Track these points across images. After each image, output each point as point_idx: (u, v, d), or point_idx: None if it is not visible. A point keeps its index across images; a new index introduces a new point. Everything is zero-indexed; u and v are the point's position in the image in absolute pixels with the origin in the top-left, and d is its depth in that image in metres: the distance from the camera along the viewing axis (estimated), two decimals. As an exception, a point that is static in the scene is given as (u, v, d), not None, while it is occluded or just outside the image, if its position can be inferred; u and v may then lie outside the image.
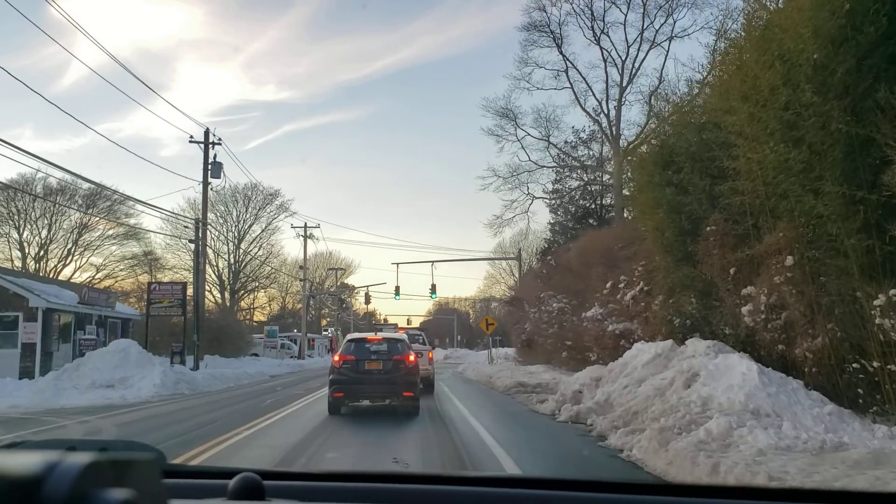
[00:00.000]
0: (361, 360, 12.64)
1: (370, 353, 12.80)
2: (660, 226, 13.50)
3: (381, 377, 12.43)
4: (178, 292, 28.91)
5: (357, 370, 12.47)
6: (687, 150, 12.52)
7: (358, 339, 13.79)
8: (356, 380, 12.42)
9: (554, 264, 22.10)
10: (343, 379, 12.44)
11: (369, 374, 12.48)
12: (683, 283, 13.10)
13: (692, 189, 12.46)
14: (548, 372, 23.57)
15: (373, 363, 12.65)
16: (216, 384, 23.15)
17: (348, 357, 12.74)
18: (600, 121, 34.40)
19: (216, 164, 31.42)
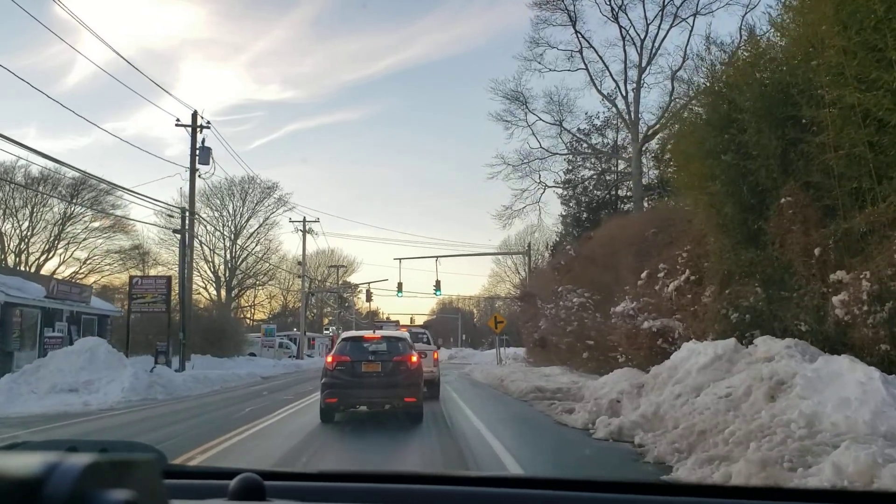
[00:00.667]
0: (358, 361, 11.17)
1: (368, 354, 11.35)
2: (714, 202, 11.20)
3: (379, 380, 11.00)
4: (163, 287, 26.67)
5: (353, 372, 11.03)
6: (753, 106, 10.19)
7: (354, 337, 12.27)
8: (352, 383, 10.97)
9: (574, 254, 19.79)
10: (337, 382, 10.96)
11: (366, 377, 11.04)
12: (744, 270, 10.80)
13: (758, 153, 10.15)
14: (565, 375, 21.27)
15: (370, 365, 11.16)
16: (198, 388, 20.91)
17: (343, 358, 11.26)
18: (617, 104, 32.07)
19: (205, 150, 29.18)
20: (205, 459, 8.02)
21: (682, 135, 12.02)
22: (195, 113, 29.20)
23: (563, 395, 16.05)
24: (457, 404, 15.27)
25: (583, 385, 16.70)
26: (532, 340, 27.65)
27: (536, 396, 16.11)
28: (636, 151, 31.09)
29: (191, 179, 28.91)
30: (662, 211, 15.95)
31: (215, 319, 43.59)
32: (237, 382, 25.13)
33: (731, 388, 8.99)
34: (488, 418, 12.22)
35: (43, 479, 0.56)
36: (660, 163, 33.77)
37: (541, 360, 28.40)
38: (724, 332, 11.13)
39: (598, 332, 19.02)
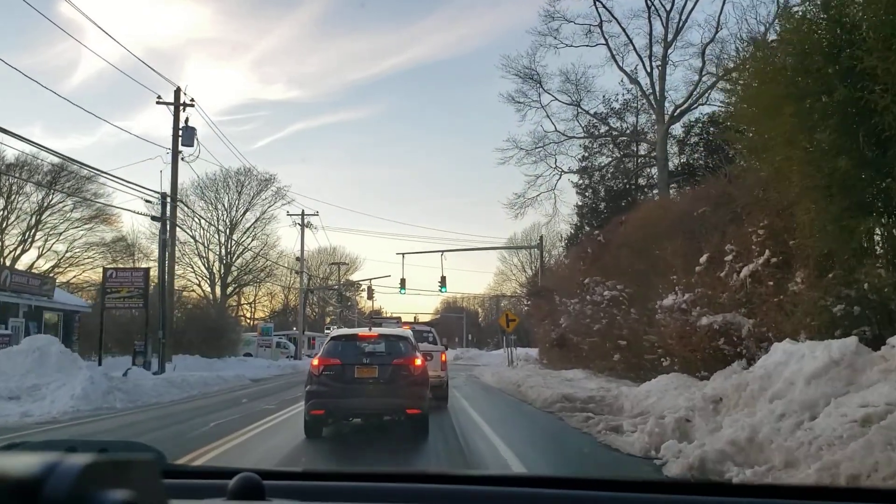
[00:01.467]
0: (350, 364, 9.40)
1: (362, 356, 9.60)
2: (813, 158, 8.47)
3: (376, 388, 9.25)
4: (140, 280, 24.09)
5: (343, 378, 9.27)
6: (880, 19, 7.49)
7: (346, 336, 10.34)
8: (342, 391, 9.17)
9: (603, 241, 17.11)
10: (324, 391, 9.21)
11: (360, 384, 9.25)
12: (858, 247, 8.10)
13: (889, 85, 7.45)
14: (590, 379, 18.61)
15: (365, 369, 9.39)
16: (171, 393, 18.29)
17: (332, 361, 9.47)
18: (640, 82, 29.33)
19: (188, 130, 26.55)
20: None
21: (764, 79, 9.30)
22: (178, 90, 26.59)
23: (598, 406, 13.38)
24: (469, 416, 12.61)
25: (619, 393, 14.06)
26: (548, 340, 24.96)
27: (564, 407, 13.43)
28: (661, 133, 28.39)
29: (173, 162, 26.26)
30: (717, 185, 13.22)
31: (207, 317, 41.02)
32: (220, 386, 22.51)
33: (868, 406, 6.32)
34: (512, 438, 9.55)
35: (42, 480, 0.56)
36: (685, 146, 31.10)
37: (557, 362, 25.70)
38: (824, 330, 8.47)
39: (633, 331, 16.35)
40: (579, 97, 30.23)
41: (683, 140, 31.14)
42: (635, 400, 12.86)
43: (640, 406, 12.36)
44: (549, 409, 13.50)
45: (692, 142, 31.29)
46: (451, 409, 14.05)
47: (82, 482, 0.57)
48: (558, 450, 9.19)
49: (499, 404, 15.32)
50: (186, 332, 36.73)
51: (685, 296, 12.21)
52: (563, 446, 9.46)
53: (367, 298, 57.86)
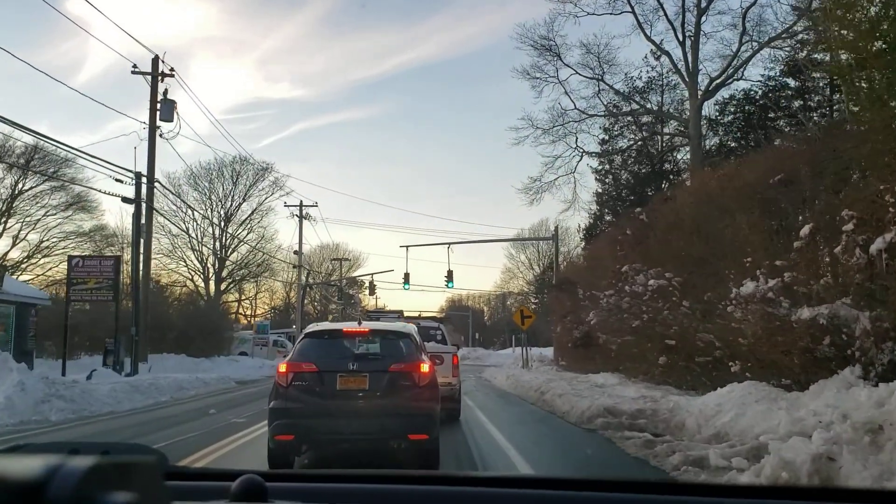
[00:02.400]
0: (331, 371, 6.91)
1: (348, 360, 7.06)
2: None
3: (367, 404, 6.82)
4: (109, 270, 21.32)
5: (321, 391, 6.83)
6: None
7: (325, 332, 7.80)
8: (320, 409, 6.75)
9: (646, 220, 14.25)
10: (294, 409, 6.78)
11: (345, 399, 6.81)
12: None
13: None
14: (625, 386, 15.77)
15: (352, 378, 6.88)
16: (134, 399, 15.54)
17: (305, 366, 6.93)
18: (671, 54, 26.43)
19: (167, 103, 23.80)
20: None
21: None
22: (156, 58, 23.84)
23: (650, 423, 10.58)
24: (489, 436, 9.79)
25: (674, 406, 11.23)
26: (570, 339, 22.11)
27: (609, 423, 10.60)
28: (694, 109, 25.51)
29: (150, 138, 23.53)
30: (808, 139, 10.34)
31: (196, 314, 38.31)
32: (198, 390, 19.74)
33: None
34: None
35: (45, 482, 0.56)
36: (718, 126, 28.22)
37: (579, 364, 22.86)
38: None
39: (682, 328, 13.52)
40: (602, 71, 27.35)
41: (716, 119, 28.27)
42: (701, 416, 10.02)
43: (712, 425, 9.53)
44: (589, 426, 10.67)
45: (726, 121, 28.42)
46: (464, 423, 11.26)
47: (85, 484, 0.57)
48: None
49: (523, 418, 12.47)
50: (172, 330, 34.07)
51: (771, 282, 9.36)
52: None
53: (369, 294, 54.81)
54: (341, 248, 71.29)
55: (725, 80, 25.42)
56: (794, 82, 26.44)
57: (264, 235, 51.43)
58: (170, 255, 48.65)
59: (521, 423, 11.66)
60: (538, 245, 71.28)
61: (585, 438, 9.77)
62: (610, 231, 18.71)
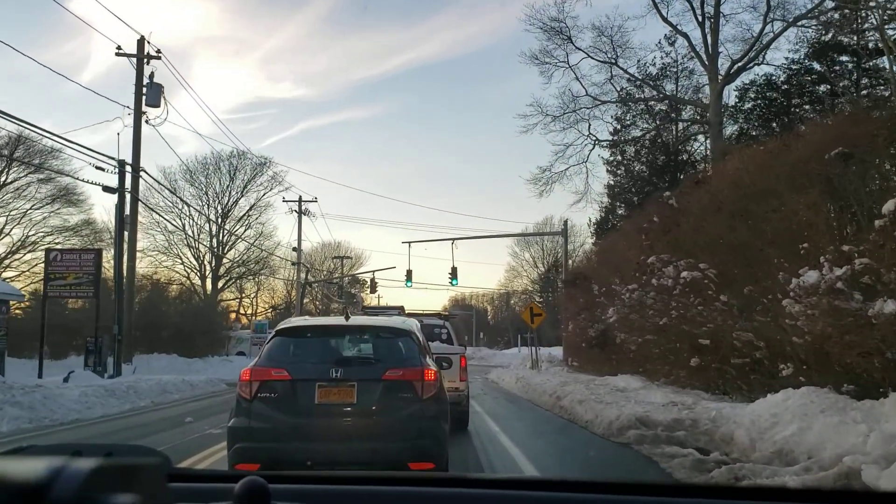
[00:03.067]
0: (307, 380, 5.48)
1: (330, 365, 5.56)
2: None
3: (354, 424, 5.44)
4: (90, 264, 19.86)
5: (296, 406, 5.44)
6: None
7: (303, 329, 6.25)
8: (292, 431, 5.35)
9: (676, 205, 12.73)
10: (260, 430, 5.39)
11: (326, 417, 5.42)
12: None
13: None
14: (649, 390, 14.29)
15: (334, 389, 5.44)
16: (108, 405, 14.09)
17: (275, 374, 5.48)
18: (689, 36, 24.90)
19: (154, 87, 22.34)
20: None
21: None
22: (141, 39, 22.38)
23: (691, 435, 9.12)
24: (508, 456, 8.25)
25: (717, 416, 9.75)
26: (584, 338, 20.60)
27: (643, 436, 9.10)
28: (714, 94, 23.96)
29: (135, 124, 22.09)
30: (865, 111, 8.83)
31: (190, 312, 36.90)
32: (183, 393, 18.28)
33: None
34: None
35: (48, 484, 0.56)
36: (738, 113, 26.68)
37: (593, 365, 21.36)
38: None
39: (718, 327, 12.01)
40: (615, 55, 25.80)
41: (736, 106, 26.74)
42: (754, 428, 8.51)
43: (770, 439, 8.04)
44: (619, 440, 9.17)
45: (746, 108, 26.89)
46: (474, 434, 9.78)
47: (89, 486, 0.57)
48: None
49: (541, 428, 10.96)
50: (165, 329, 32.66)
51: (838, 270, 7.85)
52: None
53: (371, 292, 53.32)
54: (343, 246, 69.96)
55: (748, 63, 23.89)
56: (820, 66, 24.92)
57: (263, 232, 49.98)
58: (166, 253, 47.28)
59: (539, 435, 10.15)
60: (543, 243, 69.88)
61: (619, 456, 8.26)
62: (633, 219, 17.17)
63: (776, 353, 10.74)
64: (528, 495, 1.49)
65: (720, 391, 13.37)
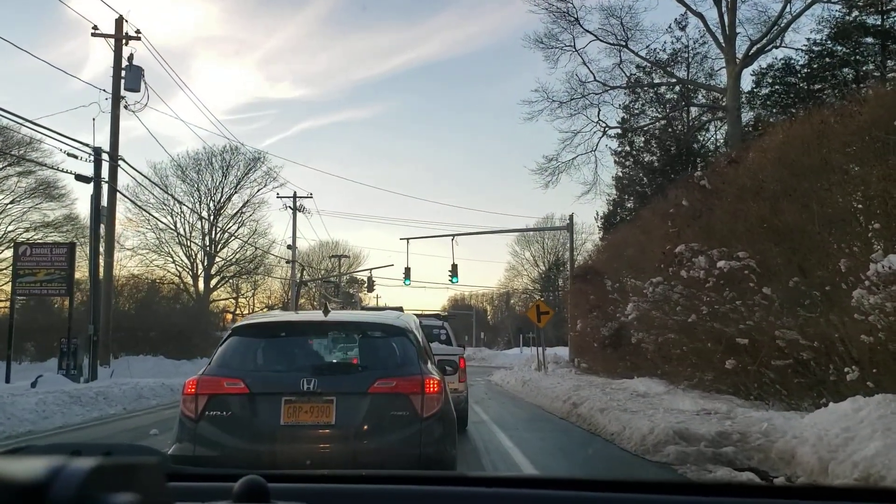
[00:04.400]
0: (270, 394, 4.24)
1: (301, 374, 4.26)
2: None
3: (331, 452, 4.15)
4: (62, 260, 18.36)
5: (255, 428, 4.18)
6: None
7: (266, 327, 5.01)
8: (248, 459, 3.99)
9: (709, 187, 11.24)
10: (205, 458, 4.02)
11: (294, 443, 4.15)
12: None
13: None
14: (674, 395, 12.86)
15: (306, 406, 4.18)
16: (70, 413, 12.62)
17: (228, 385, 4.24)
18: (704, 16, 23.41)
19: (134, 70, 20.85)
20: None
21: None
22: (120, 18, 20.89)
23: (742, 452, 7.72)
24: (523, 476, 6.79)
25: (769, 428, 8.29)
26: (596, 338, 19.12)
27: (685, 454, 7.64)
28: (732, 77, 22.50)
29: (113, 109, 20.58)
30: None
31: (179, 312, 35.46)
32: (162, 399, 16.77)
33: None
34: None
35: (48, 484, 0.55)
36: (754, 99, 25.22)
37: (604, 366, 19.90)
38: None
39: (758, 324, 10.55)
40: (626, 37, 24.31)
41: (753, 92, 25.28)
42: (822, 444, 7.03)
43: (847, 459, 6.56)
44: (657, 458, 7.69)
45: (763, 94, 25.43)
46: (483, 452, 8.31)
47: (88, 485, 0.56)
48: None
49: (560, 442, 9.44)
50: (152, 329, 31.20)
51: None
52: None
53: (368, 291, 51.86)
54: (341, 245, 68.52)
55: (767, 44, 22.42)
56: (844, 48, 23.46)
57: (256, 230, 48.46)
58: (157, 251, 45.80)
59: (560, 452, 8.65)
60: (544, 242, 68.50)
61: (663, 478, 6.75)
62: (654, 205, 15.68)
63: (828, 353, 9.29)
64: (527, 493, 1.49)
65: (754, 397, 11.94)
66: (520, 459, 7.73)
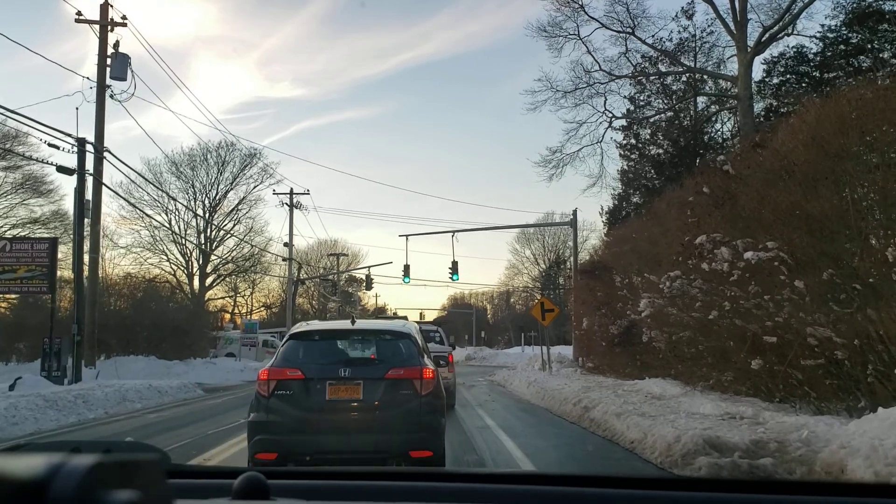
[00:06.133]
0: (319, 378, 6.01)
1: (338, 365, 6.12)
2: None
3: (361, 417, 5.97)
4: (43, 255, 17.48)
5: (308, 402, 5.95)
6: None
7: (313, 333, 6.63)
8: (307, 423, 5.89)
9: (732, 172, 10.36)
10: (277, 422, 5.89)
11: (336, 412, 5.97)
12: None
13: None
14: (691, 397, 11.96)
15: (343, 387, 5.99)
16: (44, 419, 11.79)
17: (290, 373, 6.02)
18: (714, 1, 22.53)
19: (120, 58, 19.98)
20: None
21: None
22: (105, 3, 19.99)
23: (781, 464, 6.86)
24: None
25: (808, 437, 7.48)
26: (605, 336, 18.25)
27: (718, 467, 6.78)
28: (744, 65, 21.63)
29: (98, 99, 19.70)
30: None
31: (172, 311, 34.54)
32: (148, 402, 15.92)
33: None
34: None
35: (47, 481, 0.55)
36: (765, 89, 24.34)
37: (611, 366, 19.03)
38: None
39: (787, 321, 9.70)
40: (632, 24, 23.44)
41: (763, 81, 24.40)
42: (877, 457, 6.19)
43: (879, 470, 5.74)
44: (690, 474, 6.82)
45: (774, 83, 24.56)
46: (487, 460, 7.45)
47: (88, 483, 0.56)
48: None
49: (573, 451, 8.55)
50: (144, 329, 30.30)
51: None
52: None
53: (366, 289, 51.03)
54: (340, 244, 67.67)
55: (781, 30, 21.55)
56: (860, 34, 22.59)
57: (253, 227, 47.52)
58: (151, 249, 44.91)
59: (574, 463, 7.75)
60: (544, 240, 67.71)
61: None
62: (670, 194, 14.79)
63: (864, 352, 8.45)
64: (524, 490, 1.50)
65: (779, 399, 11.09)
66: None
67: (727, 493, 1.49)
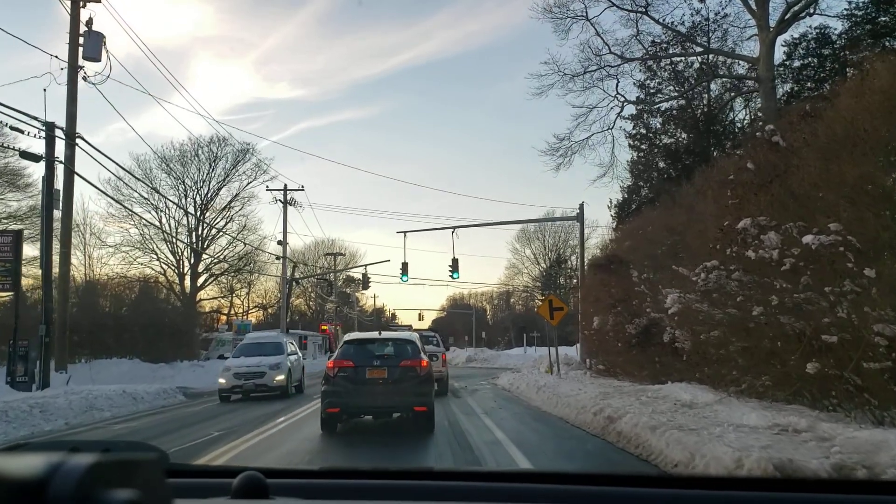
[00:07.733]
0: (362, 366, 10.27)
1: (373, 358, 10.46)
2: None
3: (386, 388, 10.14)
4: (6, 250, 15.96)
5: (356, 379, 10.20)
6: None
7: (358, 340, 11.28)
8: (355, 391, 10.14)
9: (783, 144, 8.87)
10: (339, 390, 10.17)
11: (372, 385, 10.16)
12: None
13: None
14: (728, 405, 10.50)
15: (376, 370, 10.25)
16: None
17: (345, 363, 10.35)
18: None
19: (94, 37, 18.48)
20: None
21: None
22: (77, -22, 18.46)
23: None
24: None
25: (869, 456, 5.95)
26: (621, 336, 16.74)
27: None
28: (766, 45, 20.18)
29: (69, 80, 18.19)
30: None
31: (157, 313, 33.04)
32: (120, 410, 14.41)
33: None
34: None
35: (47, 480, 0.55)
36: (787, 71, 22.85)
37: (626, 369, 17.53)
38: None
39: (850, 319, 8.25)
40: (645, 3, 21.95)
41: (784, 64, 22.94)
42: None
43: None
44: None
45: (795, 66, 23.09)
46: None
47: (87, 482, 0.56)
48: None
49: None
50: (127, 331, 28.83)
51: None
52: None
53: (363, 288, 49.47)
54: (337, 243, 66.15)
55: (804, 8, 20.09)
56: (886, 18, 21.13)
57: (246, 225, 45.96)
58: (140, 248, 43.37)
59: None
60: (545, 239, 66.32)
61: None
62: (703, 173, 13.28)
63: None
64: (520, 488, 1.50)
65: (831, 407, 9.62)
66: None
67: (727, 492, 1.50)
